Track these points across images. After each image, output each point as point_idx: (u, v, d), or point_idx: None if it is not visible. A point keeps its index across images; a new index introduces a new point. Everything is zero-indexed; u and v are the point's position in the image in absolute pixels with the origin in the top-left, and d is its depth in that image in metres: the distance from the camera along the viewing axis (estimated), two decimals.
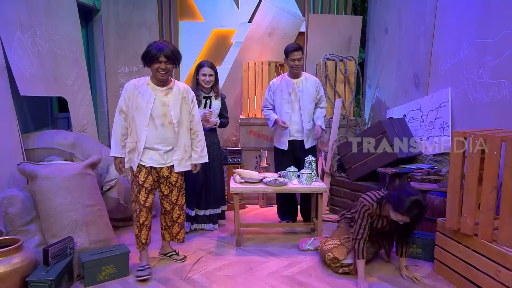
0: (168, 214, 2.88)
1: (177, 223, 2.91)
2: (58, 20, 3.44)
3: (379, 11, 4.55)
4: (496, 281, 2.21)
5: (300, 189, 3.26)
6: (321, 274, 2.70)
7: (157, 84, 2.65)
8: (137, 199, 2.68)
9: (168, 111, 2.65)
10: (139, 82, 2.66)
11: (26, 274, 2.27)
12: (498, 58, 3.01)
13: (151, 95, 2.62)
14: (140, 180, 2.65)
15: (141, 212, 2.68)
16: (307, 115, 3.51)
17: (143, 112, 2.61)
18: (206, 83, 3.34)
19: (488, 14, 3.12)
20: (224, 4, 4.71)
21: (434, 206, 3.07)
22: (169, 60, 2.57)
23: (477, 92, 3.21)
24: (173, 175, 2.78)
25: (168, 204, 2.85)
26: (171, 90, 2.70)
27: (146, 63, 2.63)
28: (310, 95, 3.51)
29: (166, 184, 2.78)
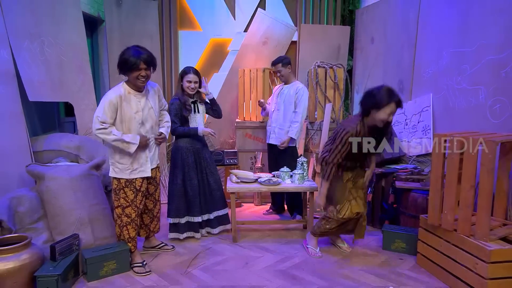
0: (150, 212, 2.87)
1: (156, 218, 2.93)
2: (64, 29, 3.44)
3: (366, 22, 4.59)
4: (474, 273, 2.24)
5: (292, 188, 3.27)
6: (313, 268, 2.72)
7: (136, 90, 2.54)
8: (132, 204, 2.61)
9: (153, 113, 2.65)
10: (121, 92, 2.47)
11: (34, 270, 2.27)
12: (475, 66, 3.05)
13: (137, 103, 2.53)
14: (137, 185, 2.61)
15: (137, 216, 2.66)
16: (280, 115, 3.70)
17: (134, 121, 2.52)
18: (191, 89, 3.14)
19: (465, 26, 3.16)
20: (221, 15, 4.73)
21: (417, 203, 3.09)
22: (148, 66, 2.46)
23: (456, 97, 3.25)
24: (158, 174, 2.82)
25: (152, 202, 2.85)
26: (148, 92, 2.64)
27: (124, 72, 2.46)
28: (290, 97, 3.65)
29: (153, 184, 2.80)
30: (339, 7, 4.79)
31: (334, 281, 2.52)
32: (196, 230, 3.25)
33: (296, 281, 2.52)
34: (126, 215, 2.62)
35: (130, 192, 2.59)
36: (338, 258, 2.89)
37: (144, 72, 2.45)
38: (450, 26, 3.32)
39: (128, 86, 2.53)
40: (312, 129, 4.30)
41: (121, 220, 2.63)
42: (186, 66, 3.23)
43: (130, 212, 2.62)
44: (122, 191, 2.59)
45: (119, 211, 2.62)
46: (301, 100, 3.61)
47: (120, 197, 2.60)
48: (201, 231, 3.29)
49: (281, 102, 3.68)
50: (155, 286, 2.45)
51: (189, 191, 3.18)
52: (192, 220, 3.22)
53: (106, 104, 2.43)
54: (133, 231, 2.66)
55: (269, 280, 2.53)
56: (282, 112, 3.67)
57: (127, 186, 2.58)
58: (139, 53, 2.42)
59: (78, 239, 2.59)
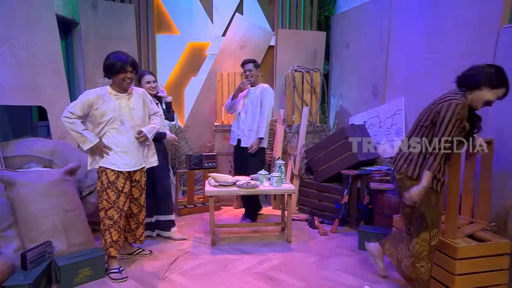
0: (135, 216, 2.83)
1: (142, 225, 2.89)
2: (37, 32, 3.33)
3: (341, 28, 4.67)
4: (443, 269, 2.31)
5: (270, 191, 3.28)
6: (291, 270, 2.72)
7: (120, 92, 2.61)
8: (114, 205, 2.57)
9: (135, 114, 2.64)
10: (102, 92, 2.56)
11: (4, 279, 2.19)
12: (443, 72, 3.16)
13: (116, 102, 2.57)
14: (119, 186, 2.58)
15: (120, 218, 2.61)
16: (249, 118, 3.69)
17: (111, 117, 2.54)
18: (152, 89, 3.20)
19: (433, 33, 3.27)
20: (199, 19, 4.71)
21: (391, 204, 3.15)
22: (134, 69, 2.59)
23: (426, 101, 3.31)
24: (143, 178, 2.77)
25: (136, 207, 2.80)
26: (132, 95, 2.68)
27: (111, 75, 2.56)
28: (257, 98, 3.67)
29: (137, 188, 2.75)
30: (315, 13, 4.86)
31: (312, 282, 2.53)
32: (167, 228, 3.30)
33: (274, 283, 2.52)
34: (108, 218, 2.57)
35: (112, 193, 2.56)
36: (316, 259, 2.91)
37: (130, 74, 2.57)
38: (419, 33, 3.42)
39: (112, 88, 2.61)
40: (290, 132, 4.34)
41: (104, 224, 2.59)
42: (140, 70, 3.21)
43: (112, 214, 2.57)
44: (104, 193, 2.57)
45: (102, 214, 2.59)
46: (266, 99, 3.64)
47: (103, 199, 2.58)
48: (172, 229, 3.32)
49: (248, 104, 3.69)
50: None
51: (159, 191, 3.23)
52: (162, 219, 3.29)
53: (82, 99, 2.52)
54: (116, 234, 2.59)
55: (248, 283, 2.52)
56: (250, 114, 3.67)
57: (109, 187, 2.56)
58: (125, 57, 2.56)
59: (51, 247, 2.50)
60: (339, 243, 3.22)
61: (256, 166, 3.59)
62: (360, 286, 2.47)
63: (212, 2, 4.70)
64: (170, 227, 3.32)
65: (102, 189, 2.58)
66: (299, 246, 3.17)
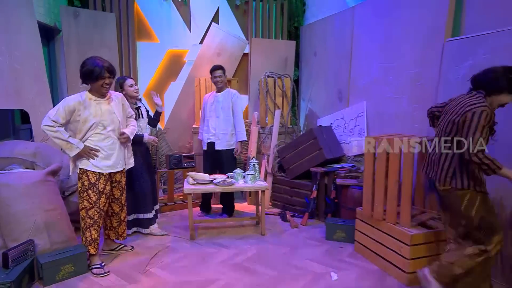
0: (116, 215, 2.78)
1: (123, 222, 2.84)
2: (18, 38, 3.20)
3: (309, 38, 4.74)
4: (399, 255, 2.39)
5: (245, 188, 3.30)
6: (264, 260, 2.75)
7: (99, 97, 2.53)
8: (95, 205, 2.50)
9: (115, 118, 2.58)
10: (82, 97, 2.46)
11: None
12: (398, 79, 3.27)
13: (97, 107, 2.49)
14: (100, 187, 2.51)
15: (100, 218, 2.55)
16: (221, 121, 3.65)
17: (93, 123, 2.47)
18: (136, 92, 3.14)
19: (388, 44, 3.37)
20: (178, 27, 4.66)
21: (355, 197, 3.21)
22: (111, 74, 2.49)
23: (384, 105, 3.45)
24: (123, 179, 2.72)
25: (118, 206, 2.76)
26: (112, 99, 2.61)
27: (90, 81, 2.46)
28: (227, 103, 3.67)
29: (118, 188, 2.70)
30: (285, 24, 4.92)
31: (283, 271, 2.57)
32: (144, 226, 3.23)
33: (249, 273, 2.54)
34: (89, 217, 2.51)
35: (93, 194, 2.50)
36: (287, 249, 2.95)
37: (108, 80, 2.48)
38: (378, 43, 3.52)
39: (90, 94, 2.51)
40: (263, 133, 4.37)
41: (85, 223, 2.52)
42: (119, 77, 3.18)
43: (93, 214, 2.51)
44: (85, 193, 2.49)
45: (83, 213, 2.52)
46: (238, 105, 3.67)
47: (84, 199, 2.50)
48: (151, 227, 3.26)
49: (219, 109, 3.65)
50: (113, 286, 2.35)
51: (137, 190, 3.14)
52: (142, 217, 3.21)
53: (63, 106, 2.40)
54: (95, 233, 2.54)
55: (224, 274, 2.53)
56: (222, 118, 3.65)
57: (90, 188, 2.49)
58: (102, 63, 2.45)
59: (33, 245, 2.41)
60: (308, 235, 3.27)
61: (232, 166, 3.64)
62: (327, 272, 2.53)
63: (190, 11, 4.67)
64: (149, 225, 3.25)
65: (83, 189, 2.51)
66: (272, 239, 3.20)
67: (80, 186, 2.51)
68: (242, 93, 4.90)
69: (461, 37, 2.68)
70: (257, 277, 2.49)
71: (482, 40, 2.48)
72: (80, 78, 2.48)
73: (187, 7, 4.65)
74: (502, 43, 2.35)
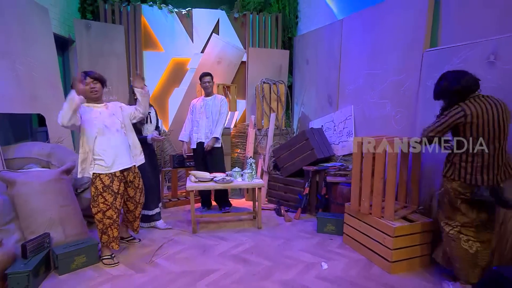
0: (131, 212, 2.79)
1: (138, 218, 2.85)
2: (36, 49, 3.24)
3: (301, 47, 4.78)
4: (383, 246, 2.43)
5: (243, 185, 3.32)
6: (260, 252, 2.77)
7: (93, 101, 2.53)
8: (112, 206, 2.48)
9: (115, 119, 2.57)
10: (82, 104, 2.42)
11: (6, 267, 2.12)
12: (382, 85, 3.31)
13: (95, 110, 2.50)
14: (115, 188, 2.49)
15: (118, 216, 2.55)
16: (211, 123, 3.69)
17: (97, 124, 2.46)
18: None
19: (374, 53, 3.41)
20: (181, 38, 4.70)
21: (344, 194, 3.24)
22: (96, 80, 2.47)
23: (370, 109, 3.48)
24: (136, 179, 2.71)
25: (132, 204, 2.75)
26: (108, 105, 2.61)
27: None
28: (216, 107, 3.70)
29: (132, 187, 2.69)
30: (280, 34, 4.96)
31: (277, 261, 2.60)
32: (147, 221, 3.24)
33: (246, 263, 2.57)
34: (108, 217, 2.49)
35: (109, 195, 2.47)
36: (282, 241, 2.98)
37: (93, 84, 2.46)
38: (364, 52, 3.55)
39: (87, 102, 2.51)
40: (260, 135, 4.40)
41: (103, 224, 2.50)
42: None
43: (111, 214, 2.49)
44: (100, 196, 2.45)
45: (100, 216, 2.47)
46: (225, 108, 3.72)
47: (99, 203, 2.46)
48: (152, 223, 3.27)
49: (209, 111, 3.68)
50: (122, 275, 2.39)
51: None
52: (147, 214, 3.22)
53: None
54: (116, 231, 2.55)
55: (223, 264, 2.56)
56: (211, 120, 3.69)
57: (105, 191, 2.45)
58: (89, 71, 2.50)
59: (49, 238, 2.44)
60: (301, 228, 3.30)
61: (217, 164, 3.66)
62: (318, 262, 2.56)
63: (192, 23, 4.71)
64: (150, 221, 3.24)
65: (97, 193, 2.46)
66: (267, 232, 3.23)
67: (93, 191, 2.46)
68: (240, 98, 4.95)
69: (438, 48, 2.72)
70: (254, 266, 2.52)
71: (456, 50, 2.53)
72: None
73: (189, 19, 4.69)
74: (474, 53, 2.40)
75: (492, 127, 1.94)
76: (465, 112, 1.96)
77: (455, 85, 2.01)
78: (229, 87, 4.66)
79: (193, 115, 3.77)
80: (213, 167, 3.64)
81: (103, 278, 2.34)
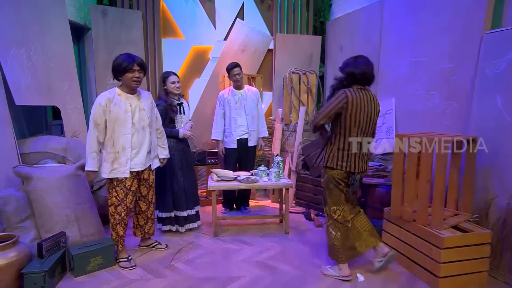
0: (143, 213, 2.81)
1: (150, 220, 2.87)
2: (51, 37, 3.36)
3: (335, 33, 4.68)
4: (430, 258, 2.34)
5: (269, 186, 3.31)
6: (287, 259, 2.75)
7: (129, 92, 2.55)
8: (122, 203, 2.55)
9: (144, 115, 2.59)
10: (111, 95, 2.49)
11: (22, 267, 2.22)
12: (430, 74, 3.17)
13: (127, 104, 2.51)
14: (127, 185, 2.55)
15: (127, 215, 2.61)
16: (251, 119, 3.74)
17: (124, 120, 2.49)
18: (177, 89, 3.15)
19: (420, 38, 3.28)
20: (202, 24, 4.72)
21: (382, 197, 3.18)
22: (141, 68, 2.50)
23: (414, 101, 3.36)
24: (151, 176, 2.74)
25: (145, 204, 2.79)
26: (141, 96, 2.63)
27: (119, 74, 2.48)
28: (253, 101, 3.77)
29: (145, 186, 2.73)
30: (311, 19, 4.87)
31: (307, 270, 2.56)
32: (181, 224, 3.24)
33: (272, 271, 2.55)
34: (118, 213, 2.57)
35: (121, 191, 2.54)
36: (311, 249, 2.94)
37: (137, 73, 2.48)
38: (408, 38, 3.43)
39: (120, 89, 2.54)
40: (287, 130, 4.36)
41: (114, 219, 2.58)
42: (165, 71, 3.27)
43: (120, 210, 2.56)
44: (114, 190, 2.54)
45: (112, 209, 2.57)
46: (260, 102, 3.80)
47: (112, 196, 2.55)
48: (186, 225, 3.27)
49: (248, 106, 3.72)
50: (140, 280, 2.43)
51: (175, 187, 3.17)
52: (178, 215, 3.22)
53: (97, 106, 2.46)
54: (121, 230, 2.61)
55: (247, 271, 2.56)
56: (251, 115, 3.73)
57: (118, 186, 2.53)
58: (132, 57, 2.49)
59: (65, 237, 2.53)
60: None
61: (252, 163, 3.80)
62: (353, 274, 2.49)
63: (214, 8, 4.71)
64: (186, 223, 3.26)
65: (111, 186, 2.56)
66: (296, 237, 3.20)
67: (108, 182, 2.57)
68: (266, 90, 4.91)
69: (502, 29, 2.55)
70: (281, 275, 2.50)
71: None
72: (112, 73, 2.52)
73: (212, 4, 4.69)
74: None
75: (364, 118, 2.29)
76: (347, 98, 2.25)
77: (355, 69, 2.29)
78: (254, 78, 4.63)
79: (228, 110, 3.76)
80: (251, 166, 3.72)
81: (120, 282, 2.40)
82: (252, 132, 3.77)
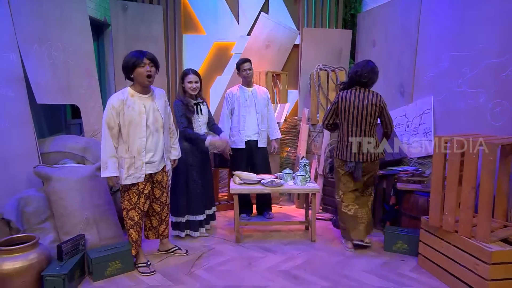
0: (157, 215, 2.83)
1: (164, 222, 2.89)
2: (71, 34, 3.46)
3: (367, 26, 4.59)
4: (475, 274, 2.23)
5: (295, 190, 3.27)
6: (315, 269, 2.71)
7: (142, 92, 2.52)
8: (135, 206, 2.57)
9: (159, 116, 2.59)
10: (124, 96, 2.46)
11: (42, 269, 2.28)
12: (475, 70, 3.05)
13: (141, 105, 2.49)
14: (140, 187, 2.57)
15: (141, 219, 2.63)
16: (261, 118, 3.73)
17: (139, 123, 2.47)
18: (193, 90, 3.13)
19: (463, 30, 3.17)
20: (225, 19, 4.74)
21: (419, 205, 3.08)
22: (152, 62, 2.47)
23: (456, 100, 3.25)
24: (164, 178, 2.76)
25: (158, 206, 2.80)
26: (154, 95, 2.61)
27: (130, 71, 2.45)
28: (263, 100, 3.76)
29: (159, 188, 2.75)
30: (341, 11, 4.79)
31: (336, 282, 2.51)
32: (196, 228, 3.26)
33: (298, 281, 2.52)
34: (130, 218, 2.60)
35: (134, 194, 2.57)
36: (340, 258, 2.89)
37: (149, 67, 2.45)
38: (449, 30, 3.33)
39: (133, 89, 2.53)
40: (314, 131, 4.30)
41: (126, 223, 2.62)
42: (185, 69, 3.27)
43: (133, 215, 2.59)
44: (126, 194, 2.57)
45: (125, 214, 2.61)
46: (270, 103, 3.79)
47: (125, 200, 2.58)
48: (201, 229, 3.30)
49: (258, 105, 3.71)
50: (160, 286, 2.46)
51: (191, 190, 3.19)
52: (194, 219, 3.24)
53: (110, 109, 2.44)
54: (135, 234, 2.63)
55: (272, 281, 2.53)
56: (261, 114, 3.73)
57: (130, 189, 2.56)
58: (142, 52, 2.49)
59: (84, 240, 2.59)
60: None
61: (266, 164, 3.77)
62: (386, 287, 2.43)
63: (238, 2, 4.72)
64: (199, 227, 3.28)
65: (124, 189, 2.56)
66: (323, 246, 3.14)
67: (121, 187, 2.58)
68: (291, 88, 4.88)
69: None
70: (307, 286, 2.46)
71: None
72: (123, 72, 2.50)
73: None
74: None
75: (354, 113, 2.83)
76: (337, 99, 2.90)
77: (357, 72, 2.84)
78: (279, 75, 4.61)
79: (237, 108, 3.73)
80: (263, 169, 3.67)
81: None
82: (262, 132, 3.74)
